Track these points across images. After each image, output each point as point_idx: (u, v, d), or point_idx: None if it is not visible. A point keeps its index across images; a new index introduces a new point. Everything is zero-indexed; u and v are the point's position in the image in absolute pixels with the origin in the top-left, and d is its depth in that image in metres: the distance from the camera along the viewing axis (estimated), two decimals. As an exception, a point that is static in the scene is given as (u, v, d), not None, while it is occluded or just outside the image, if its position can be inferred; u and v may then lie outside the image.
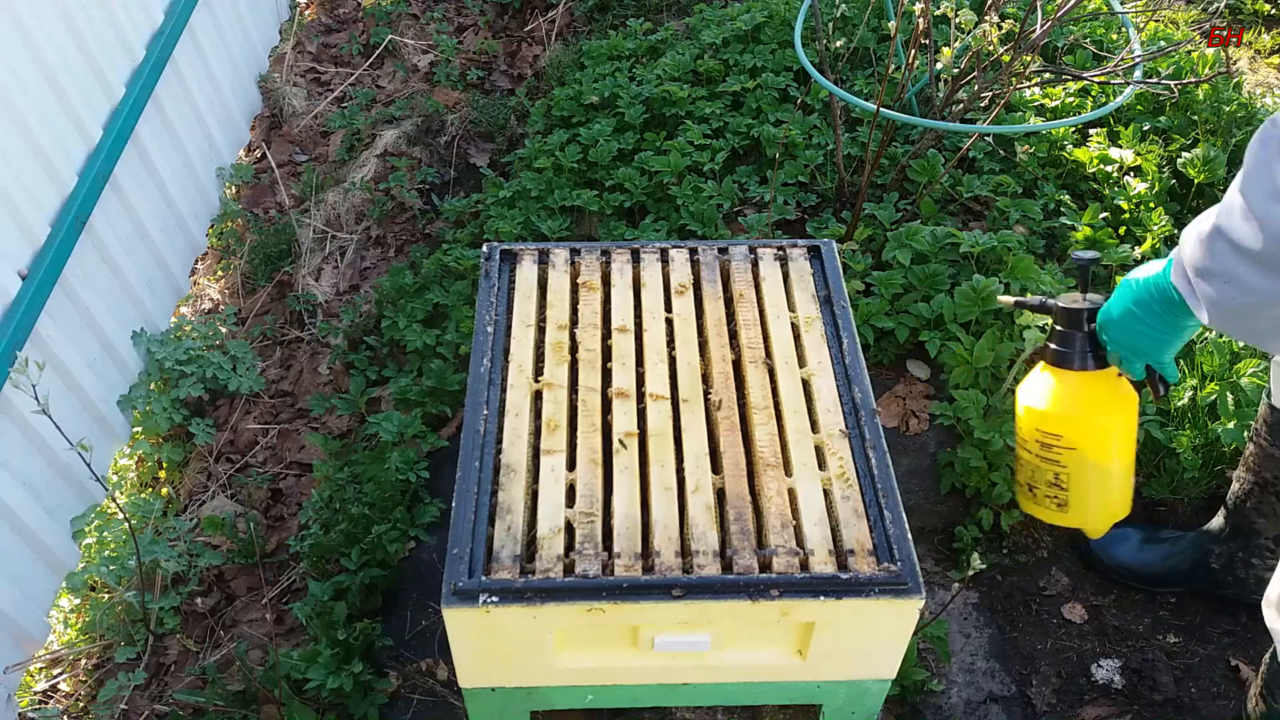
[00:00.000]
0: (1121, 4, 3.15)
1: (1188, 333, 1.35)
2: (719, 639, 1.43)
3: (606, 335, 1.72)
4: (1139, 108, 2.95)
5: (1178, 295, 1.26)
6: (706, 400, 1.61)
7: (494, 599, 1.35)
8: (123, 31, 2.54)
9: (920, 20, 2.43)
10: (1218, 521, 2.01)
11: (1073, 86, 2.95)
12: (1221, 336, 2.10)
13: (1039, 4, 2.51)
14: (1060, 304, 1.47)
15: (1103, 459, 1.49)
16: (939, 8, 2.60)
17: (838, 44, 2.91)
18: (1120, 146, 2.79)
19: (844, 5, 3.12)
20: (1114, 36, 3.20)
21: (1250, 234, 1.09)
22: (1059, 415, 1.48)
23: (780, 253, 1.86)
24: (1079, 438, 1.48)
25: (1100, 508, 1.55)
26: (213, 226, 3.11)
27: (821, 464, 1.52)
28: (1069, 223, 2.60)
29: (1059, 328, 1.48)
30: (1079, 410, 1.47)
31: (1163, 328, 1.35)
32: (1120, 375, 1.48)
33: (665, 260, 1.84)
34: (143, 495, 2.50)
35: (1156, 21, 3.48)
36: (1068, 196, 2.70)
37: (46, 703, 2.20)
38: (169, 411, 2.57)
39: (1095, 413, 1.47)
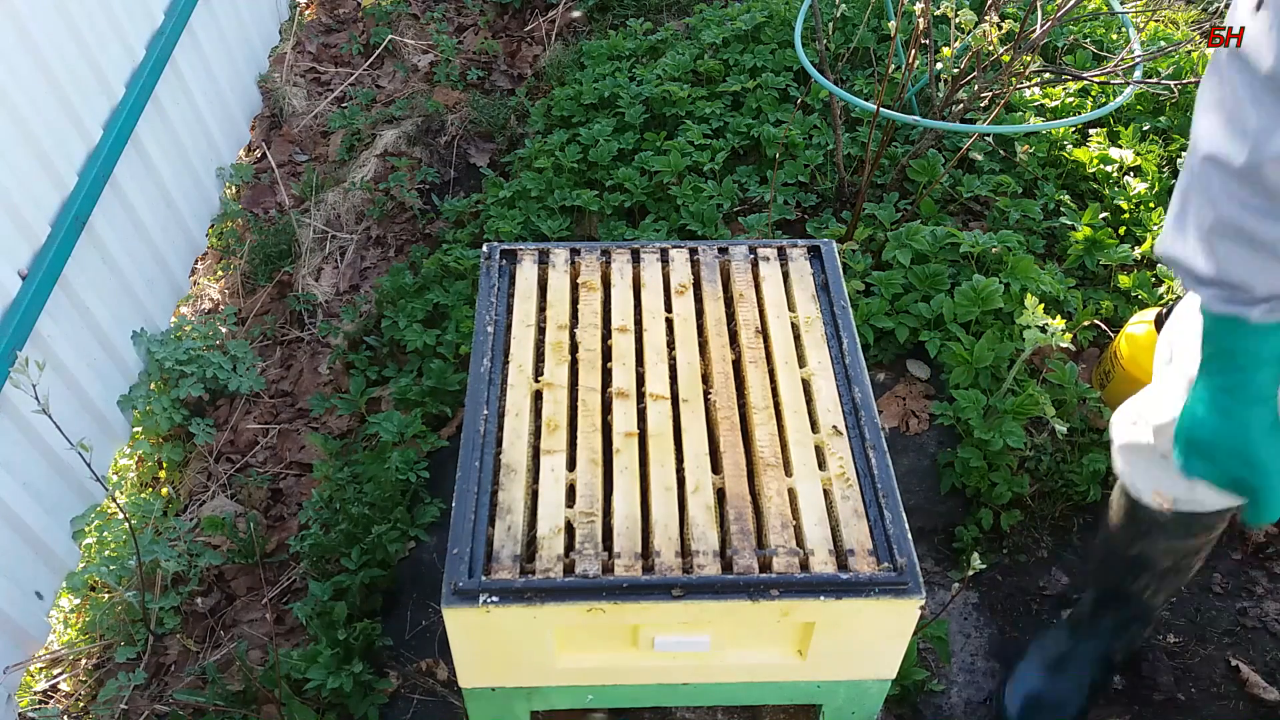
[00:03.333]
0: (1121, 4, 3.15)
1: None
2: (719, 639, 1.43)
3: (606, 335, 1.72)
4: (1139, 108, 2.95)
5: (1228, 315, 1.07)
6: (706, 400, 1.61)
7: (494, 599, 1.35)
8: (123, 31, 2.54)
9: (920, 20, 2.43)
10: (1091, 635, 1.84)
11: (1073, 86, 2.95)
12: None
13: (1039, 4, 2.51)
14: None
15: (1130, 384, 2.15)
16: (939, 8, 2.60)
17: (838, 44, 2.91)
18: (1120, 146, 2.79)
19: (844, 5, 3.12)
20: (1114, 36, 3.20)
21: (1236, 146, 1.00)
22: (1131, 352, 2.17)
23: (780, 253, 1.86)
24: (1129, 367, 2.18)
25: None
26: (213, 226, 3.11)
27: (821, 464, 1.52)
28: (1069, 223, 2.59)
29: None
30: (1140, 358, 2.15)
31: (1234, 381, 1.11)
32: None
33: (665, 260, 1.84)
34: (143, 495, 2.50)
35: (1156, 21, 3.48)
36: (1068, 196, 2.70)
37: (46, 703, 2.20)
38: (169, 411, 2.57)
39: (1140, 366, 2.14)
